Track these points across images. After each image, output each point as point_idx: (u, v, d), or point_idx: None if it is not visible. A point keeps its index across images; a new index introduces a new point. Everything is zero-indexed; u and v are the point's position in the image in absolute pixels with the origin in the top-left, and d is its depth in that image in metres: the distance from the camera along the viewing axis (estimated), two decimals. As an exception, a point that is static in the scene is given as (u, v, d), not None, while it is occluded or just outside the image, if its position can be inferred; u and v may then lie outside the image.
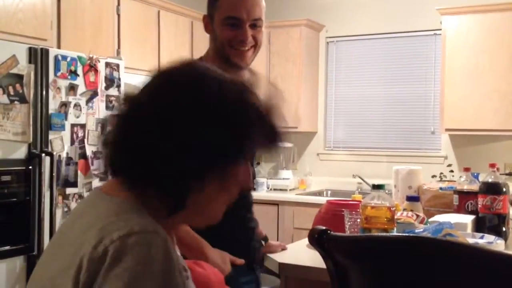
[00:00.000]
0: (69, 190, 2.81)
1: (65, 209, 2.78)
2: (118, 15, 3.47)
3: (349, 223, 1.79)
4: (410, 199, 2.22)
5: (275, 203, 4.28)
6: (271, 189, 4.56)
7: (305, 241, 2.15)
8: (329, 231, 1.03)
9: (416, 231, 1.73)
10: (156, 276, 0.73)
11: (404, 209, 2.11)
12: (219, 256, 1.57)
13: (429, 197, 2.39)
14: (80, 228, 0.81)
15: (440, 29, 4.15)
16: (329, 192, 4.61)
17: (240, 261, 1.63)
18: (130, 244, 0.73)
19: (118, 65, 3.10)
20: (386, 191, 1.71)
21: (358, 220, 1.72)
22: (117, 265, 0.72)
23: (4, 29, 2.77)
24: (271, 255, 1.91)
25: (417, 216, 1.97)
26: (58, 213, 2.74)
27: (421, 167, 2.67)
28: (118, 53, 3.40)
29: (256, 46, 1.69)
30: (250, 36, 1.65)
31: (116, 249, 0.73)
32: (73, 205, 2.80)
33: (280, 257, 1.86)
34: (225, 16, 1.63)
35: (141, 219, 0.79)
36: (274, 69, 4.61)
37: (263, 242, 1.96)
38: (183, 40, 4.12)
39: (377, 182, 1.82)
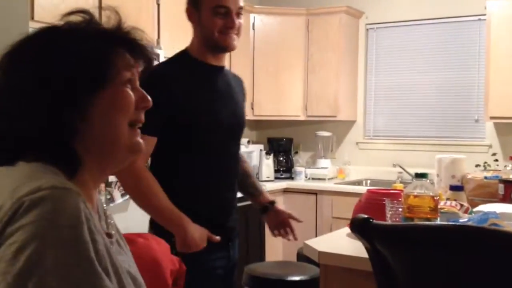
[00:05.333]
0: (111, 178, 2.87)
1: (108, 197, 2.84)
2: (158, 5, 3.50)
3: (390, 213, 1.77)
4: (454, 188, 2.17)
5: (314, 192, 4.27)
6: (309, 178, 4.55)
7: (345, 230, 2.13)
8: (371, 220, 1.01)
9: (461, 221, 1.70)
10: (61, 231, 0.72)
11: (447, 199, 2.07)
12: (198, 231, 1.73)
13: (473, 187, 2.34)
14: None
15: (485, 14, 4.01)
16: (368, 181, 4.56)
17: (216, 238, 1.78)
18: (38, 199, 0.73)
19: (158, 55, 3.13)
20: (429, 181, 1.68)
21: (400, 210, 1.69)
22: (24, 219, 0.72)
23: (49, 20, 2.83)
24: (310, 243, 1.91)
25: (461, 205, 1.92)
26: (101, 199, 2.80)
27: (465, 156, 2.61)
28: (158, 42, 3.43)
29: (239, 32, 1.86)
30: (237, 22, 1.83)
31: (24, 205, 0.73)
32: (115, 192, 2.86)
33: (319, 246, 1.86)
34: (215, 5, 1.80)
35: (52, 178, 0.78)
36: (312, 57, 4.56)
37: (268, 206, 2.10)
38: (221, 29, 4.13)
39: (418, 171, 1.79)
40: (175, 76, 1.80)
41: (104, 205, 1.03)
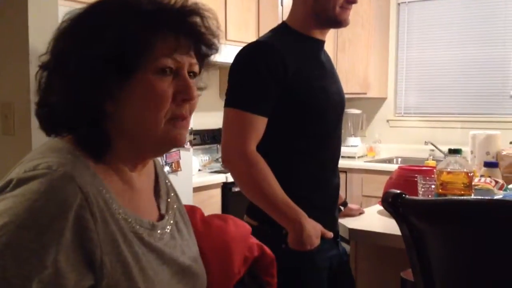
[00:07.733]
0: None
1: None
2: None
3: (422, 189, 1.74)
4: (488, 165, 2.13)
5: (343, 171, 4.23)
6: (339, 156, 4.51)
7: (376, 207, 2.11)
8: (404, 195, 0.99)
9: (496, 197, 1.66)
10: (36, 214, 0.70)
11: (482, 176, 2.03)
12: (314, 228, 1.53)
13: (508, 163, 2.29)
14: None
15: (522, -14, 3.88)
16: (399, 159, 4.49)
17: (329, 234, 1.58)
18: (27, 178, 0.73)
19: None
20: (463, 157, 1.65)
21: (433, 186, 1.67)
22: (9, 192, 0.72)
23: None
24: (341, 221, 1.90)
25: (496, 182, 1.88)
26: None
27: (499, 132, 2.54)
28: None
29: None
30: None
31: (15, 182, 0.73)
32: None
33: (350, 223, 1.84)
34: None
35: (55, 158, 0.77)
36: (342, 34, 4.49)
37: (342, 208, 1.94)
38: (249, 7, 4.09)
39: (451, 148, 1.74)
40: (286, 50, 1.58)
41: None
